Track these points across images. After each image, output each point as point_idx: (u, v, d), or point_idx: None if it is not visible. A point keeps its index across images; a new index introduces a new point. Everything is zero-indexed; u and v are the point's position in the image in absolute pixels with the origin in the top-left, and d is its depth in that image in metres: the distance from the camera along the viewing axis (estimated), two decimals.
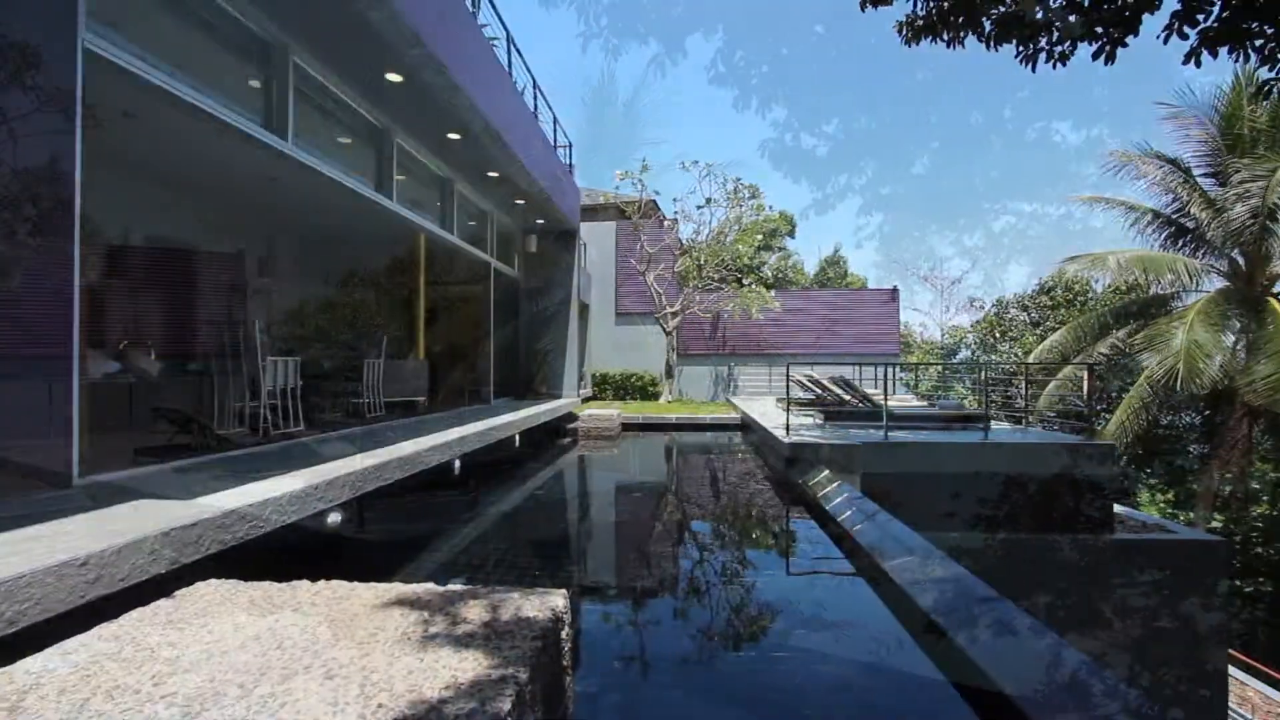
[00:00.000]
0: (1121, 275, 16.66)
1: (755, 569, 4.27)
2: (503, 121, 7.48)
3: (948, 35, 5.27)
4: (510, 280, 12.00)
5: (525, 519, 5.49)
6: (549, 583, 3.76)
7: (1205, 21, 4.09)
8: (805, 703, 2.43)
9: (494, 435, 7.11)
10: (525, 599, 1.92)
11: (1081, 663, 2.05)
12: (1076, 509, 6.56)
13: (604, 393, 18.07)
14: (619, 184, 16.63)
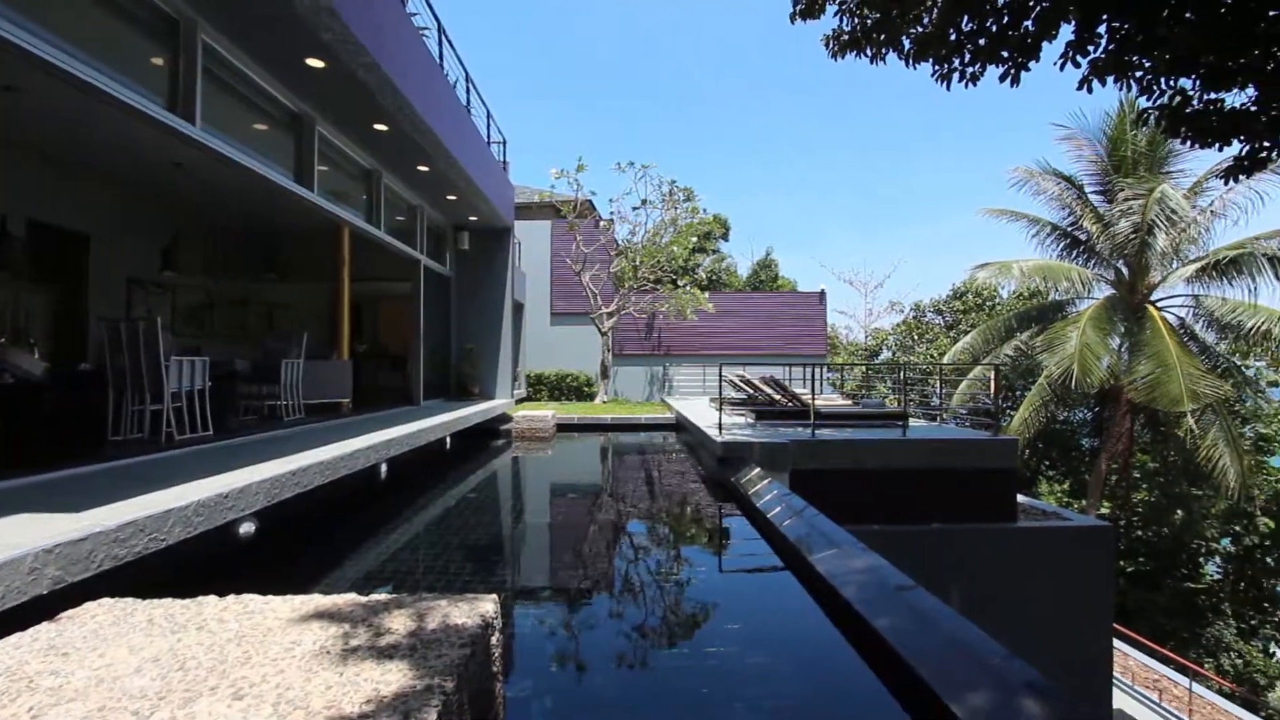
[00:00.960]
0: (1024, 282, 18.03)
1: (689, 566, 4.33)
2: (432, 114, 7.26)
3: (871, 51, 5.55)
4: (441, 278, 11.67)
5: (457, 523, 5.34)
6: (481, 588, 3.68)
7: (1095, 53, 4.49)
8: (735, 695, 2.49)
9: (423, 438, 6.90)
10: (454, 606, 1.88)
11: (985, 642, 2.20)
12: (984, 500, 7.03)
13: (539, 393, 17.85)
14: (555, 182, 16.49)
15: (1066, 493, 19.71)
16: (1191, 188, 15.24)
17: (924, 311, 27.44)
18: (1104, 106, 16.55)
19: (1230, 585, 16.90)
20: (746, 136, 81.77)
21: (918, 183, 76.43)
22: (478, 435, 10.43)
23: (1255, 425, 17.39)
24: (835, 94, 79.37)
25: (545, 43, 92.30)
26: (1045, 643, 6.76)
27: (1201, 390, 13.09)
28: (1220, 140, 4.42)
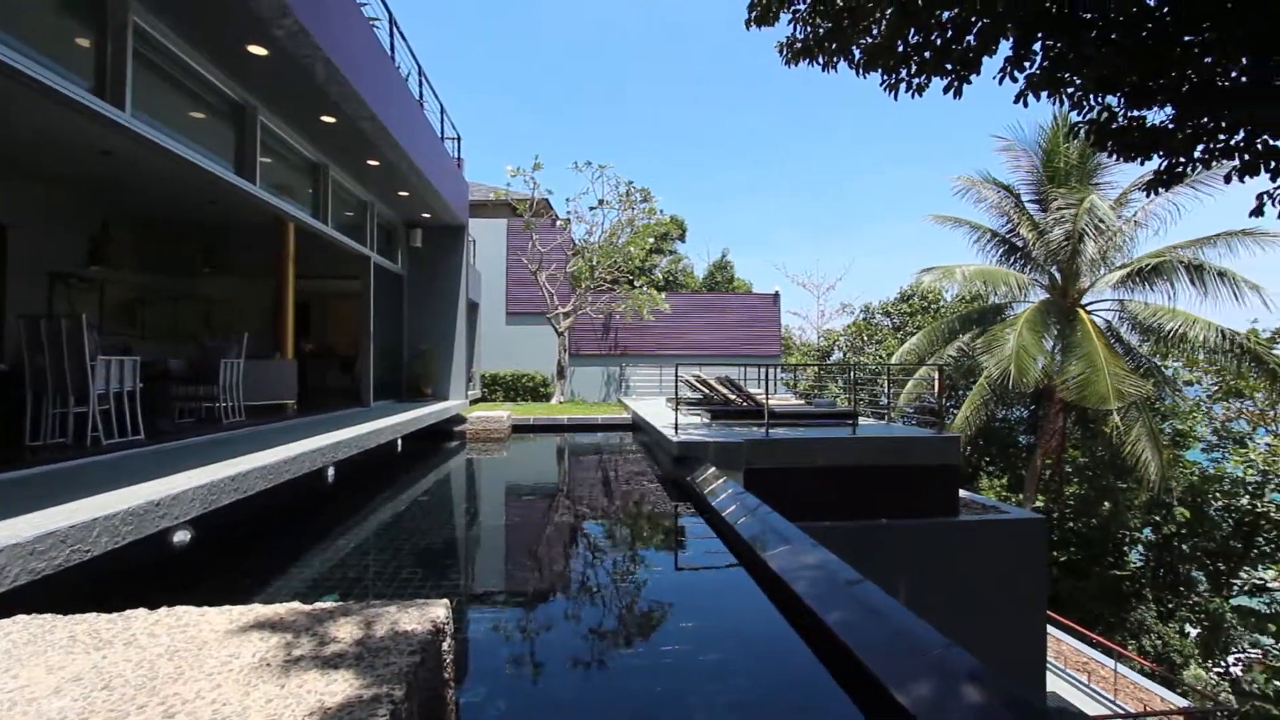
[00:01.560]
0: (967, 286, 18.81)
1: (645, 566, 4.35)
2: (382, 106, 7.07)
3: (823, 59, 5.69)
4: (393, 276, 11.37)
5: (409, 527, 5.21)
6: (434, 593, 3.61)
7: (1030, 69, 4.72)
8: (690, 692, 2.51)
9: (372, 440, 6.71)
10: (403, 612, 1.83)
11: (929, 633, 2.29)
12: (929, 495, 7.30)
13: (494, 394, 17.61)
14: (511, 180, 16.29)
15: (1005, 487, 20.64)
16: (1117, 199, 16.20)
17: (873, 313, 28.30)
18: (1040, 120, 17.41)
19: (1151, 572, 18.02)
20: (704, 139, 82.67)
21: (870, 187, 78.87)
22: (431, 437, 10.20)
23: (1173, 422, 18.61)
24: (791, 98, 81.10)
25: (501, 40, 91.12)
26: (985, 630, 7.07)
27: (1126, 389, 13.93)
28: (1142, 154, 4.72)
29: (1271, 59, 3.84)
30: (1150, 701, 11.67)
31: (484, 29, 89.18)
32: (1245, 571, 17.01)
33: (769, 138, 79.89)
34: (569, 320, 16.71)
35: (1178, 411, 18.78)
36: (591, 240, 17.42)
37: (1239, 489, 17.22)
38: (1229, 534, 17.06)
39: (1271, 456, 16.83)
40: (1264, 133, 4.27)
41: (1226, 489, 17.38)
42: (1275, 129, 4.22)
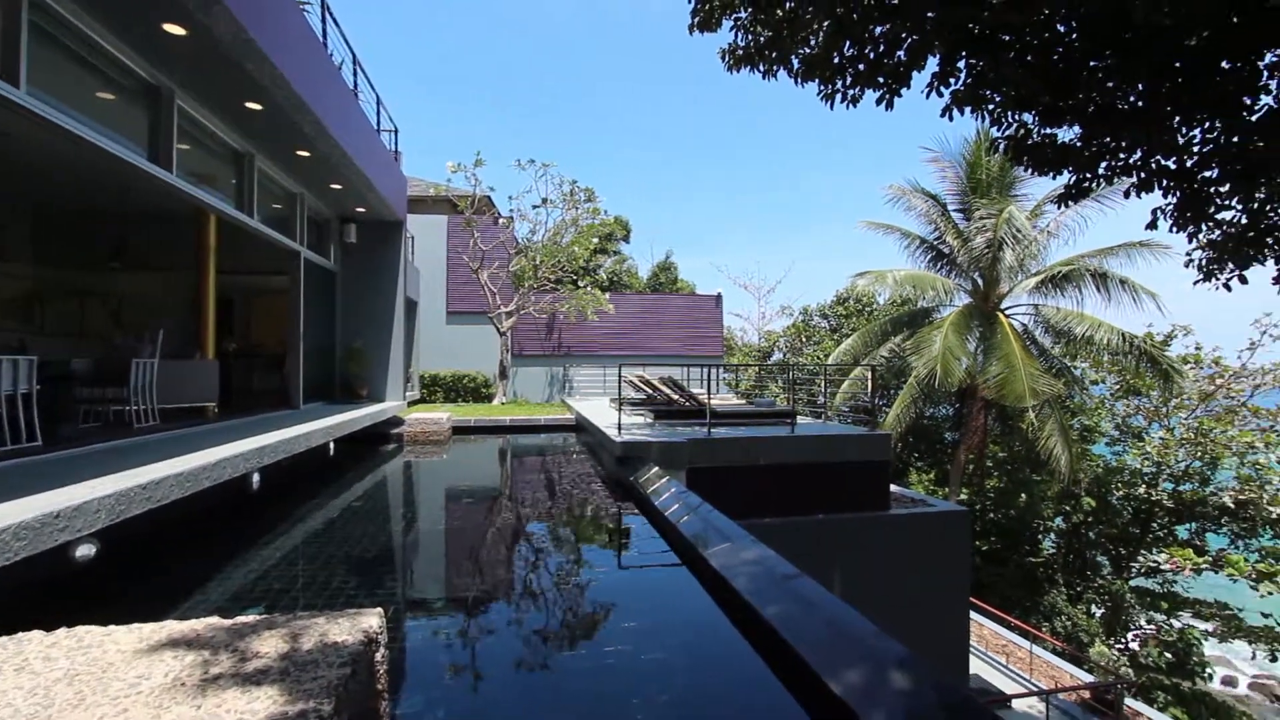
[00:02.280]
0: (898, 290, 19.67)
1: (589, 567, 4.33)
2: (313, 93, 6.75)
3: (764, 67, 5.82)
4: (325, 272, 10.88)
5: (341, 534, 5.00)
6: (367, 602, 3.48)
7: (955, 85, 4.99)
8: (632, 692, 2.52)
9: (302, 444, 6.40)
10: (333, 623, 1.75)
11: (861, 623, 2.38)
12: (862, 490, 7.59)
13: (433, 395, 17.14)
14: (451, 176, 15.89)
15: (932, 481, 21.72)
16: (1033, 210, 17.33)
17: (811, 315, 29.18)
18: (964, 134, 18.44)
19: (1062, 558, 19.38)
20: (649, 139, 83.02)
21: (811, 192, 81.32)
22: (366, 440, 9.83)
23: (1081, 418, 20.06)
24: (735, 103, 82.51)
25: (444, 36, 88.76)
26: (914, 618, 7.41)
27: (1040, 388, 14.92)
28: (1054, 169, 5.06)
29: (1163, 87, 4.20)
30: (1061, 678, 12.54)
31: (428, 23, 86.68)
32: (1142, 555, 18.53)
33: (713, 140, 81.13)
34: (511, 320, 16.45)
35: (1085, 408, 20.27)
36: (535, 239, 17.21)
37: (1137, 479, 18.75)
38: (1128, 521, 18.55)
39: (1164, 449, 18.40)
40: (1157, 153, 4.67)
41: (1126, 479, 18.89)
42: (1166, 150, 4.61)
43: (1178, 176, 4.75)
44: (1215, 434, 17.59)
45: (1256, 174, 4.47)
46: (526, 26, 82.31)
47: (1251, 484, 16.72)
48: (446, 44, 78.82)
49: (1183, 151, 4.62)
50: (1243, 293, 5.71)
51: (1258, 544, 16.60)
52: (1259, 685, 22.10)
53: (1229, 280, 5.67)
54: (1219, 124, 4.36)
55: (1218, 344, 19.84)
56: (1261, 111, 4.20)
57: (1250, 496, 16.51)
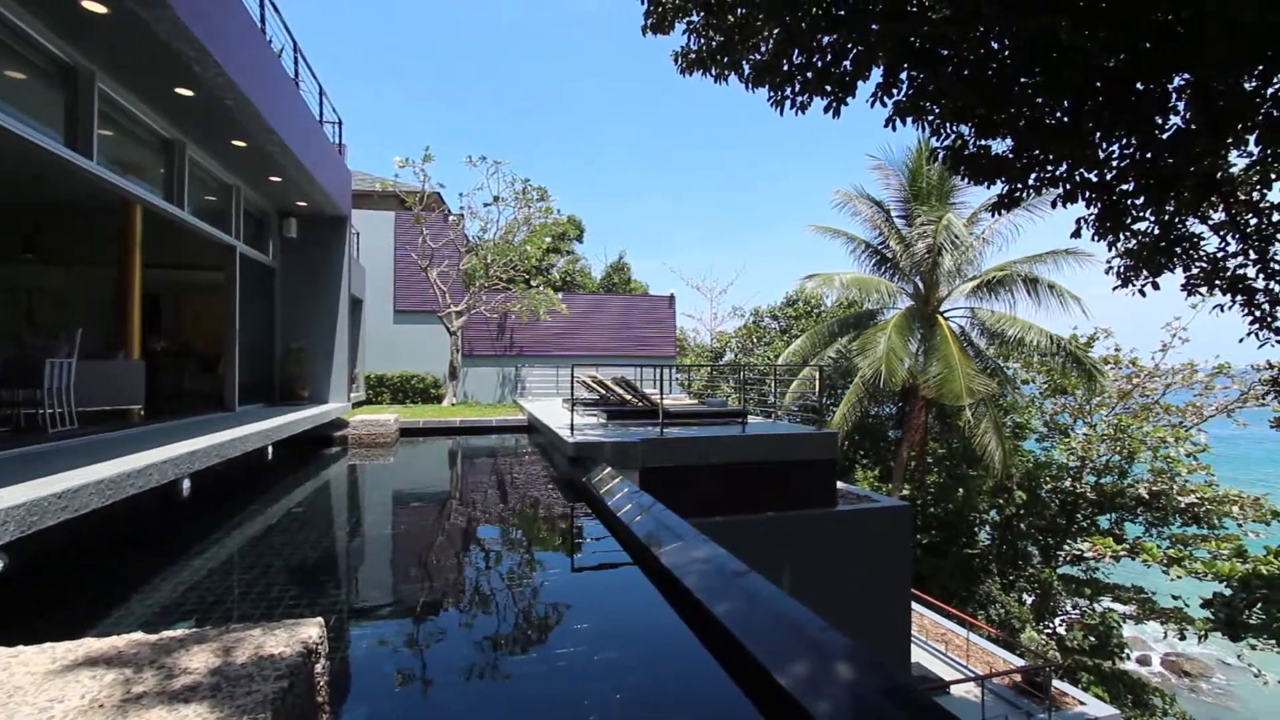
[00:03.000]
0: (844, 292, 20.26)
1: (541, 569, 4.29)
2: (249, 80, 6.45)
3: (715, 72, 5.90)
4: (263, 268, 10.41)
5: (280, 542, 4.80)
6: (309, 611, 3.35)
7: (898, 95, 5.18)
8: (583, 693, 2.51)
9: (237, 448, 6.11)
10: (269, 635, 1.68)
11: (807, 617, 2.44)
12: (810, 487, 7.78)
13: (380, 396, 16.64)
14: (399, 171, 15.46)
15: (877, 478, 22.45)
16: (970, 217, 18.15)
17: (762, 317, 29.72)
18: (907, 143, 19.19)
19: (996, 549, 20.36)
20: (600, 141, 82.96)
21: (763, 195, 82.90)
22: (307, 443, 9.46)
23: (1013, 416, 21.13)
24: (689, 105, 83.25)
25: (391, 29, 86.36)
26: (858, 610, 7.65)
27: (976, 387, 15.65)
28: (988, 179, 5.32)
29: (1086, 104, 4.47)
30: (995, 664, 13.17)
31: (373, 15, 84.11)
32: (1068, 544, 19.67)
33: (667, 141, 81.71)
34: (462, 319, 16.13)
35: (1017, 407, 21.36)
36: (486, 237, 16.94)
37: (1063, 473, 19.89)
38: (1056, 512, 19.65)
39: (1087, 445, 19.59)
40: (1080, 167, 4.96)
41: (1054, 474, 20.01)
42: (1088, 164, 4.91)
43: (1098, 189, 5.07)
44: (1132, 430, 18.83)
45: (1167, 188, 4.82)
46: (480, 24, 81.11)
47: (1163, 476, 17.99)
48: (397, 39, 76.75)
49: (1103, 165, 4.94)
50: (1156, 297, 6.13)
51: (1169, 531, 17.86)
52: (1169, 662, 23.81)
53: (1144, 286, 6.08)
54: (1134, 140, 4.67)
55: (1135, 346, 21.30)
56: (1171, 130, 4.52)
57: (1162, 488, 17.76)
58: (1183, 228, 5.81)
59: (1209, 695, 21.75)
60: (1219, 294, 6.10)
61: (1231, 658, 19.72)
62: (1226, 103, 4.21)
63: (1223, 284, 5.96)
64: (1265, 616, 9.36)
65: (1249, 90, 4.23)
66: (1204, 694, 21.81)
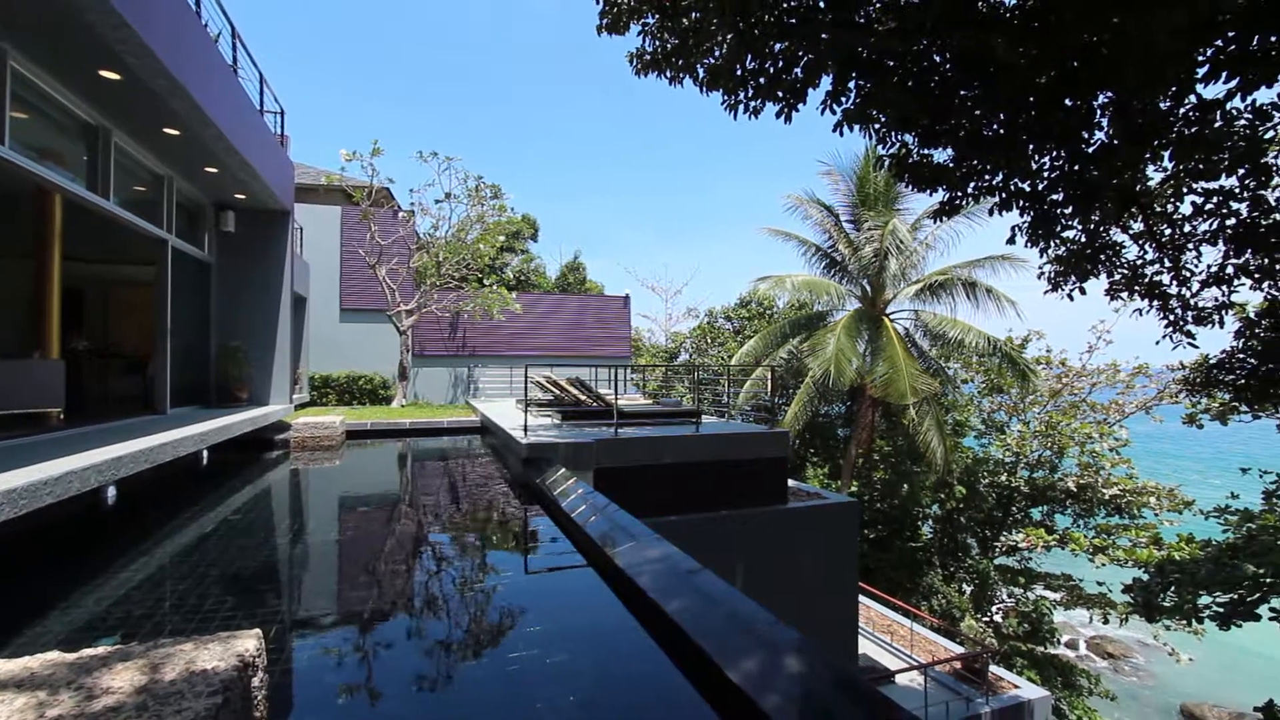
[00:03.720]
0: (795, 294, 20.72)
1: (494, 573, 4.22)
2: (181, 63, 6.12)
3: (670, 74, 5.94)
4: (198, 264, 9.90)
5: (215, 551, 4.57)
6: (247, 623, 3.21)
7: (846, 103, 5.32)
8: (536, 696, 2.48)
9: (168, 453, 5.79)
10: (201, 649, 1.60)
11: (758, 613, 2.48)
12: (762, 485, 7.92)
13: (325, 397, 16.07)
14: (345, 165, 14.95)
15: (826, 475, 23.05)
16: (914, 223, 18.84)
17: (716, 317, 30.09)
18: (855, 150, 19.76)
19: (938, 542, 21.20)
20: (557, 141, 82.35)
21: (719, 196, 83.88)
22: (247, 447, 9.05)
23: (954, 414, 22.06)
24: (645, 106, 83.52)
25: (341, 24, 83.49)
26: (808, 605, 7.83)
27: (919, 387, 16.25)
28: (930, 187, 5.53)
29: (1019, 117, 4.70)
30: (937, 652, 13.71)
31: (317, 4, 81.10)
32: (1004, 536, 20.66)
33: (623, 141, 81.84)
34: (412, 318, 15.74)
35: (957, 405, 22.31)
36: (438, 235, 16.57)
37: (1000, 468, 20.89)
38: (993, 506, 20.62)
39: (1021, 441, 20.63)
40: (1015, 177, 5.22)
41: (991, 469, 20.99)
42: (1022, 175, 5.17)
43: (1031, 198, 5.34)
44: (1061, 427, 19.93)
45: (1092, 199, 5.11)
46: (434, 20, 79.28)
47: (1090, 470, 19.12)
48: (345, 30, 74.14)
49: (1035, 176, 5.21)
50: (1083, 301, 6.50)
51: (1094, 522, 19.00)
52: (1095, 645, 25.31)
53: (1072, 291, 6.44)
54: (1063, 153, 4.95)
55: (1064, 347, 22.57)
56: (1095, 144, 4.80)
57: (1088, 481, 18.87)
58: (1106, 236, 6.19)
59: (1130, 674, 23.24)
60: (1138, 299, 6.53)
61: (1149, 638, 21.12)
62: (1144, 120, 4.50)
63: (1141, 290, 6.38)
64: (1177, 599, 10.07)
65: (1163, 109, 4.54)
66: (1125, 673, 23.29)
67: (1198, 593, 9.89)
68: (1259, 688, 10.06)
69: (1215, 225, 5.66)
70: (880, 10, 4.74)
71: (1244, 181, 5.27)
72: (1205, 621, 9.93)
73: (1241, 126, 4.60)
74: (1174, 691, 21.58)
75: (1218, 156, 4.80)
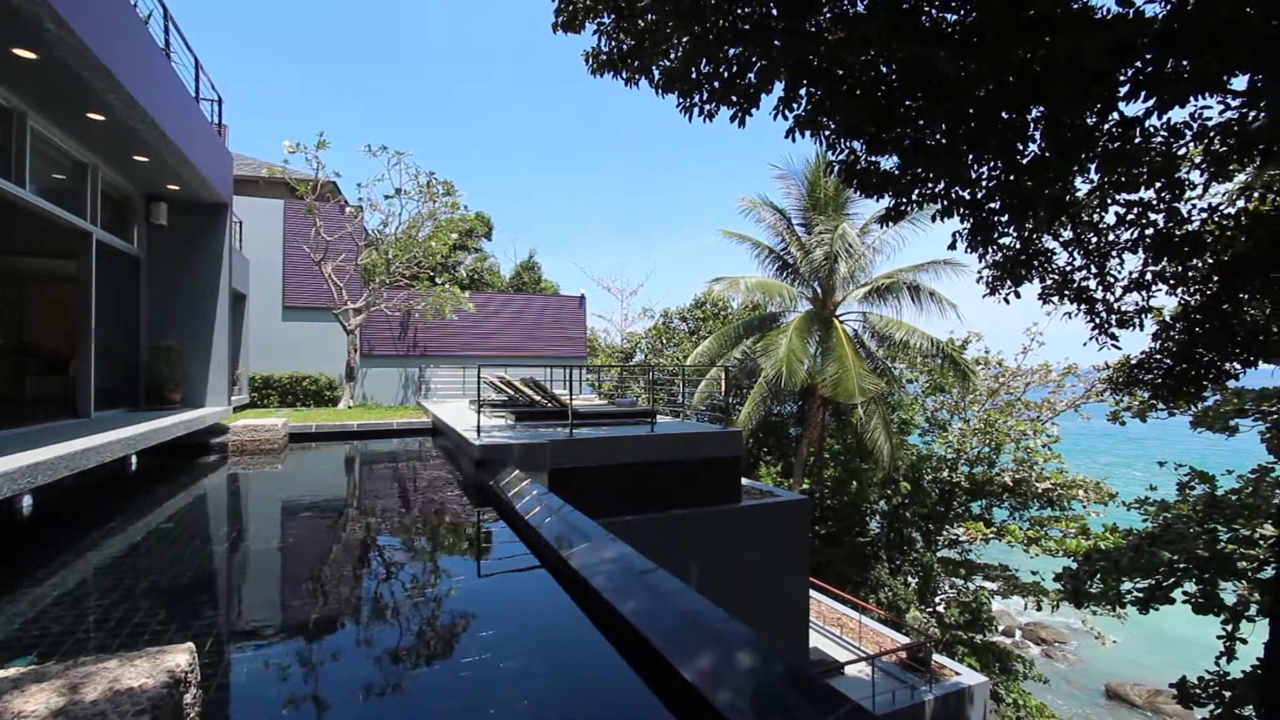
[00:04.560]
0: (749, 296, 21.07)
1: (446, 577, 4.14)
2: (105, 42, 5.75)
3: (625, 75, 5.95)
4: (126, 258, 9.34)
5: (145, 562, 4.32)
6: (179, 637, 3.05)
7: (797, 110, 5.45)
8: (489, 701, 2.45)
9: (91, 459, 5.44)
10: (127, 666, 1.51)
11: (711, 610, 2.52)
12: (717, 484, 8.02)
13: (267, 399, 15.42)
14: (289, 157, 14.37)
15: (779, 473, 23.52)
16: (862, 228, 19.42)
17: (671, 318, 30.29)
18: (807, 156, 20.24)
19: (885, 536, 21.93)
20: (512, 139, 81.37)
21: (675, 197, 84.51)
22: (181, 451, 8.60)
23: (900, 413, 22.85)
24: (601, 106, 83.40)
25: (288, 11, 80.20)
26: (762, 600, 7.97)
27: (867, 386, 16.76)
28: (877, 193, 5.71)
29: (959, 128, 4.91)
30: (884, 643, 14.16)
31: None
32: (946, 529, 21.53)
33: (579, 140, 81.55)
34: (360, 317, 15.25)
35: (902, 404, 23.12)
36: (387, 232, 16.11)
37: (942, 465, 21.77)
38: (936, 501, 21.46)
39: (962, 438, 21.54)
40: (955, 185, 5.44)
41: (934, 465, 21.85)
42: (962, 183, 5.39)
43: (971, 206, 5.58)
44: (998, 424, 20.91)
45: (1026, 208, 5.38)
46: (385, 9, 77.12)
47: (1024, 465, 20.14)
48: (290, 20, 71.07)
49: (974, 185, 5.45)
50: (1019, 305, 6.84)
51: (1028, 515, 20.01)
52: (1029, 631, 26.66)
53: (1008, 295, 6.76)
54: (1000, 163, 5.19)
55: (1001, 348, 23.71)
56: (1029, 156, 5.06)
57: (1023, 476, 19.87)
58: (1039, 244, 6.53)
59: (1060, 658, 24.58)
60: (1068, 303, 6.91)
61: (1078, 623, 22.39)
62: (1072, 134, 4.77)
63: (1070, 294, 6.76)
64: (1103, 586, 10.71)
65: (1090, 125, 4.82)
66: (1057, 658, 24.62)
67: (1120, 579, 10.55)
68: (1175, 667, 10.81)
69: (1136, 234, 6.04)
70: (830, 21, 4.87)
71: (1160, 194, 5.65)
72: (1127, 606, 10.60)
73: (1158, 143, 4.93)
74: (1100, 673, 22.95)
75: (1137, 170, 5.13)
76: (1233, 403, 10.16)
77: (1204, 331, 6.85)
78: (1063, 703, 20.34)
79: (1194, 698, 9.18)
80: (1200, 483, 10.56)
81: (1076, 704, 20.85)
